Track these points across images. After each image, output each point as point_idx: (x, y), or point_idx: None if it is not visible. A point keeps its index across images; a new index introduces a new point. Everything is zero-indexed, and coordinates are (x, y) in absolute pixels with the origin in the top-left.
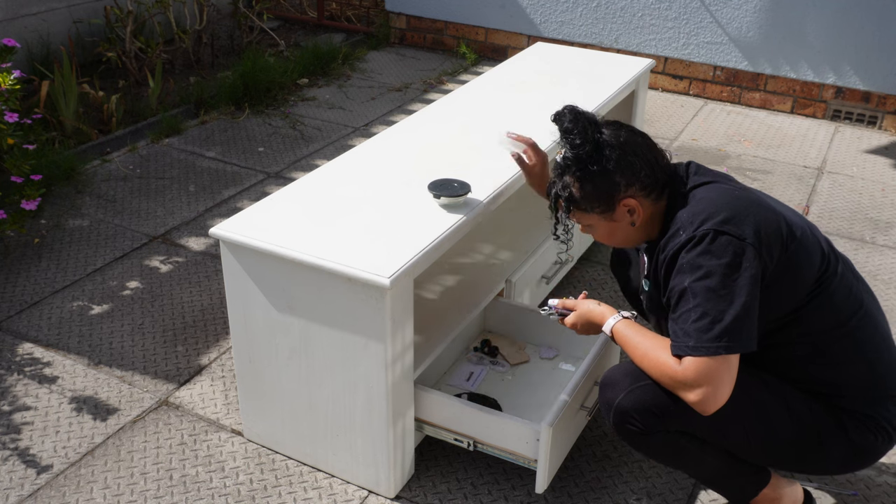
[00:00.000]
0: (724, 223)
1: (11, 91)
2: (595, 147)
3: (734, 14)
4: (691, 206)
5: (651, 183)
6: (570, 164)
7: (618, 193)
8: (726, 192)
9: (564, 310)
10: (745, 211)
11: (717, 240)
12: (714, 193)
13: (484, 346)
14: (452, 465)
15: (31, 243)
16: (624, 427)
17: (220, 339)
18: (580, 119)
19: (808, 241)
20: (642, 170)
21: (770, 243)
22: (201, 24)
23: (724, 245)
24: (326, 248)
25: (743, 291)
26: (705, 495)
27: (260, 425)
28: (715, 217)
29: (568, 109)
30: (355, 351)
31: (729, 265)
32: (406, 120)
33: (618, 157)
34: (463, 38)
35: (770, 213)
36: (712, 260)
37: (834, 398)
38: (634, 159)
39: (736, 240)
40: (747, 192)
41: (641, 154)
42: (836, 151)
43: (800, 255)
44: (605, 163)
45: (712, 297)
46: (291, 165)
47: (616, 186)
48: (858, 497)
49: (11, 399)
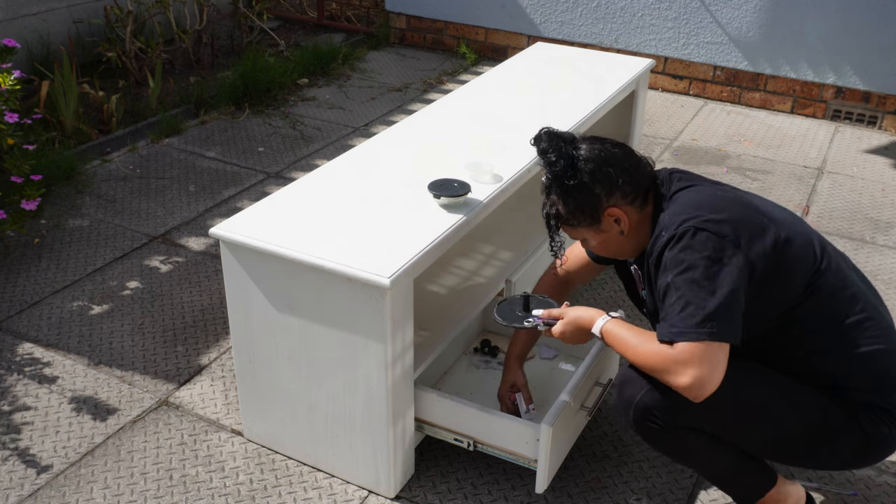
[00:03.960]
0: (704, 221)
1: (11, 91)
2: (570, 163)
3: (734, 14)
4: (672, 207)
5: (633, 191)
6: (551, 182)
7: (600, 205)
8: (708, 193)
9: (550, 320)
10: (725, 210)
11: (697, 236)
12: (695, 194)
13: (484, 346)
14: (452, 465)
15: (31, 243)
16: (644, 424)
17: (220, 339)
18: (555, 138)
19: (798, 240)
20: (619, 178)
21: (751, 241)
22: (201, 24)
23: (704, 241)
24: (326, 248)
25: (726, 282)
26: (705, 495)
27: (260, 425)
28: (695, 215)
29: (544, 132)
30: (355, 351)
31: (710, 258)
32: (406, 120)
33: (592, 170)
34: (463, 38)
35: (752, 212)
36: (693, 254)
37: (843, 391)
38: (610, 170)
39: (715, 236)
40: (731, 193)
41: (618, 164)
42: (836, 151)
43: (788, 254)
44: (581, 176)
45: (694, 288)
46: (291, 165)
47: (597, 198)
48: (858, 497)
49: (11, 399)
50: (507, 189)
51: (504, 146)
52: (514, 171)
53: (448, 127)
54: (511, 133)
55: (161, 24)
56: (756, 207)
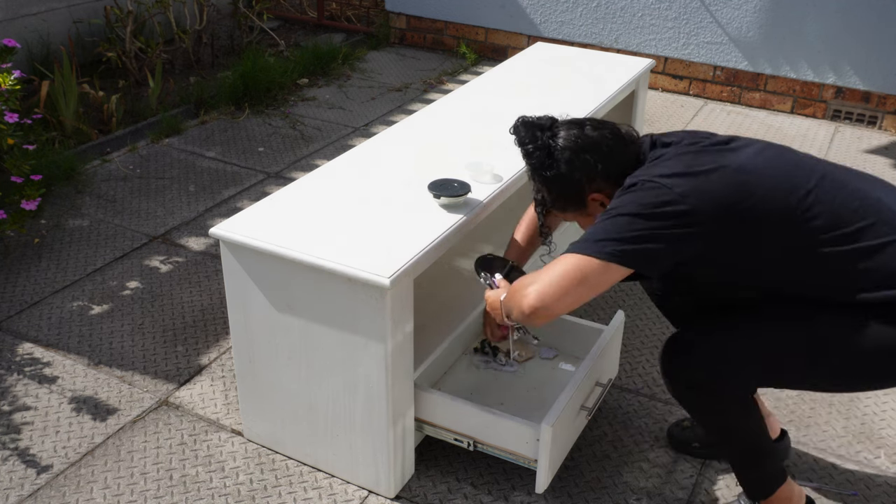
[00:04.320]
0: (657, 176)
1: (11, 91)
2: (546, 153)
3: (734, 14)
4: (638, 170)
5: (614, 172)
6: (531, 172)
7: (583, 191)
8: (674, 157)
9: (496, 285)
10: (686, 172)
11: (643, 185)
12: (662, 160)
13: (484, 346)
14: (452, 465)
15: (31, 243)
16: (697, 388)
17: (220, 339)
18: (530, 128)
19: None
20: (598, 164)
21: (702, 198)
22: (201, 24)
23: (648, 189)
24: (326, 248)
25: (643, 222)
26: (705, 495)
27: (260, 425)
28: (650, 173)
29: (520, 121)
30: (355, 351)
31: (642, 201)
32: (406, 120)
33: (569, 158)
34: (463, 38)
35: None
36: (627, 196)
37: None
38: (587, 156)
39: (663, 186)
40: (704, 154)
41: (594, 149)
42: (836, 151)
43: (755, 210)
44: (557, 166)
45: (610, 220)
46: (291, 165)
47: (578, 185)
48: (858, 497)
49: (11, 399)
50: (507, 189)
51: (504, 146)
52: (514, 171)
53: (448, 127)
54: (511, 133)
55: (161, 24)
56: (727, 166)
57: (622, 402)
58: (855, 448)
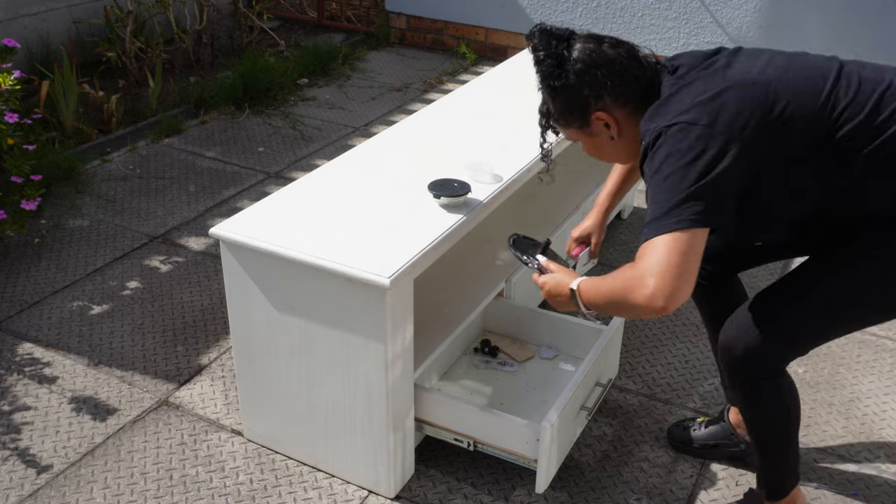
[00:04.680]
0: (676, 116)
1: (11, 91)
2: (557, 62)
3: (734, 14)
4: (651, 112)
5: (624, 94)
6: (539, 80)
7: (588, 107)
8: (694, 91)
9: (545, 269)
10: (707, 103)
11: (669, 132)
12: (677, 93)
13: (484, 346)
14: (452, 465)
15: (31, 243)
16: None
17: (220, 339)
18: (546, 35)
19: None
20: (608, 81)
21: (734, 122)
22: (201, 24)
23: (675, 134)
24: (326, 248)
25: (694, 171)
26: (705, 495)
27: (260, 425)
28: (667, 116)
29: (537, 28)
30: (355, 351)
31: (679, 151)
32: (406, 120)
33: (580, 70)
34: (463, 38)
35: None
36: (664, 150)
37: None
38: (599, 71)
39: (688, 126)
40: (720, 75)
41: (608, 66)
42: None
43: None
44: (566, 77)
45: (664, 186)
46: (291, 165)
47: (584, 100)
48: (858, 497)
49: (11, 399)
50: (507, 189)
51: (504, 146)
52: (514, 171)
53: (448, 127)
54: (511, 133)
55: (161, 24)
56: (752, 82)
57: (622, 402)
58: (855, 448)
